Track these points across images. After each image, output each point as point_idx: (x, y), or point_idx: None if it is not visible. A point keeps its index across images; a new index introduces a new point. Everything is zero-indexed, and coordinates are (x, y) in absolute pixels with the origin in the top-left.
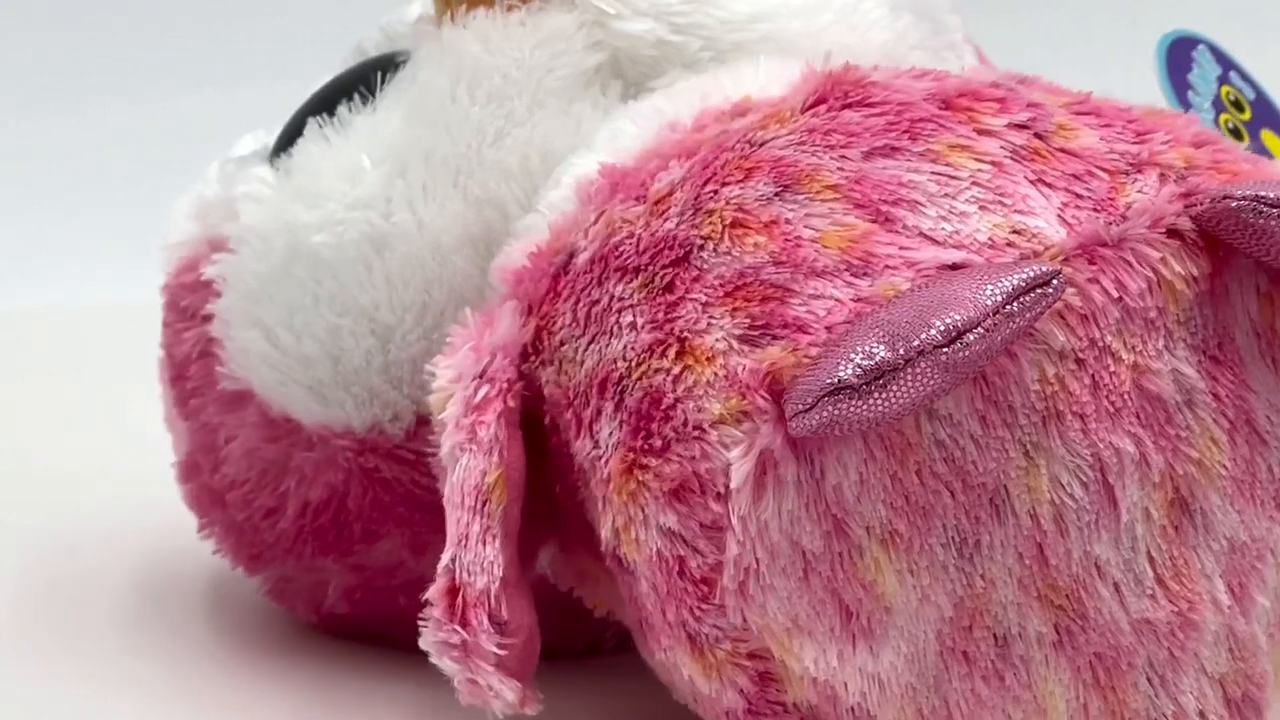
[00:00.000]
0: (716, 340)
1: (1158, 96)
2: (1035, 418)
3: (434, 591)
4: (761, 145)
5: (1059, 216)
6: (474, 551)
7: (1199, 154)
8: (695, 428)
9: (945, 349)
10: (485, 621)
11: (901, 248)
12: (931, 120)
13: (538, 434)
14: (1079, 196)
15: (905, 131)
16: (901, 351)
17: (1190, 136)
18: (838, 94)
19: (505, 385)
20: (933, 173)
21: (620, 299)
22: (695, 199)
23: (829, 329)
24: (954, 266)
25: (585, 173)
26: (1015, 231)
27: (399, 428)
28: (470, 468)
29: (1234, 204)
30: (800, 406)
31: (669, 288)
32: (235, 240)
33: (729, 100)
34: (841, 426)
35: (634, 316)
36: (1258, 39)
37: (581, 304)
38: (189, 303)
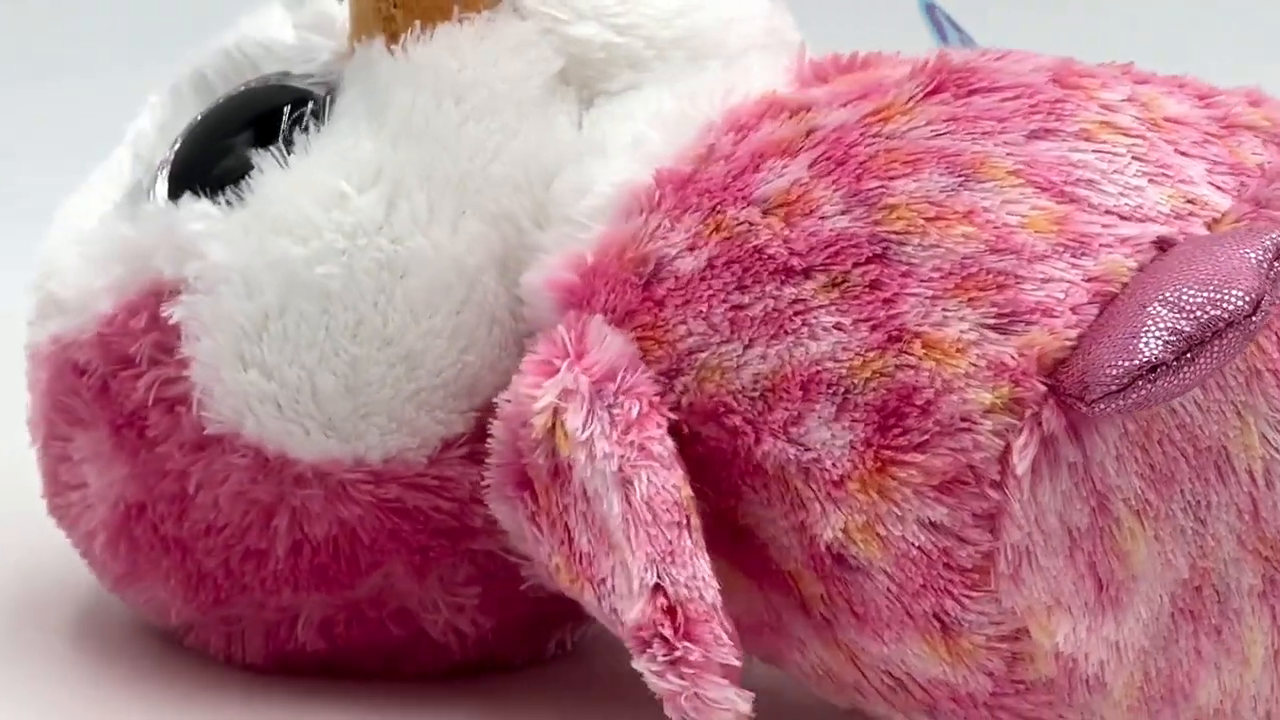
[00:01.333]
0: (963, 331)
1: None
2: (1241, 379)
3: (647, 613)
4: (900, 137)
5: (1211, 183)
6: (690, 567)
7: (1267, 111)
8: (963, 419)
9: (1253, 317)
10: (721, 634)
11: (1104, 226)
12: (1063, 100)
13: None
14: (1214, 162)
15: (1049, 113)
16: (1207, 323)
17: (1242, 95)
18: (956, 81)
19: (655, 398)
20: (1094, 150)
21: (799, 300)
22: (855, 195)
23: (1074, 310)
24: (1161, 240)
25: (627, 180)
26: (1189, 201)
27: (423, 454)
28: (659, 483)
29: None
30: (1110, 388)
31: (875, 285)
32: (203, 281)
33: (760, 97)
34: (1152, 403)
35: (835, 316)
36: (1258, 38)
37: (717, 310)
38: (137, 349)
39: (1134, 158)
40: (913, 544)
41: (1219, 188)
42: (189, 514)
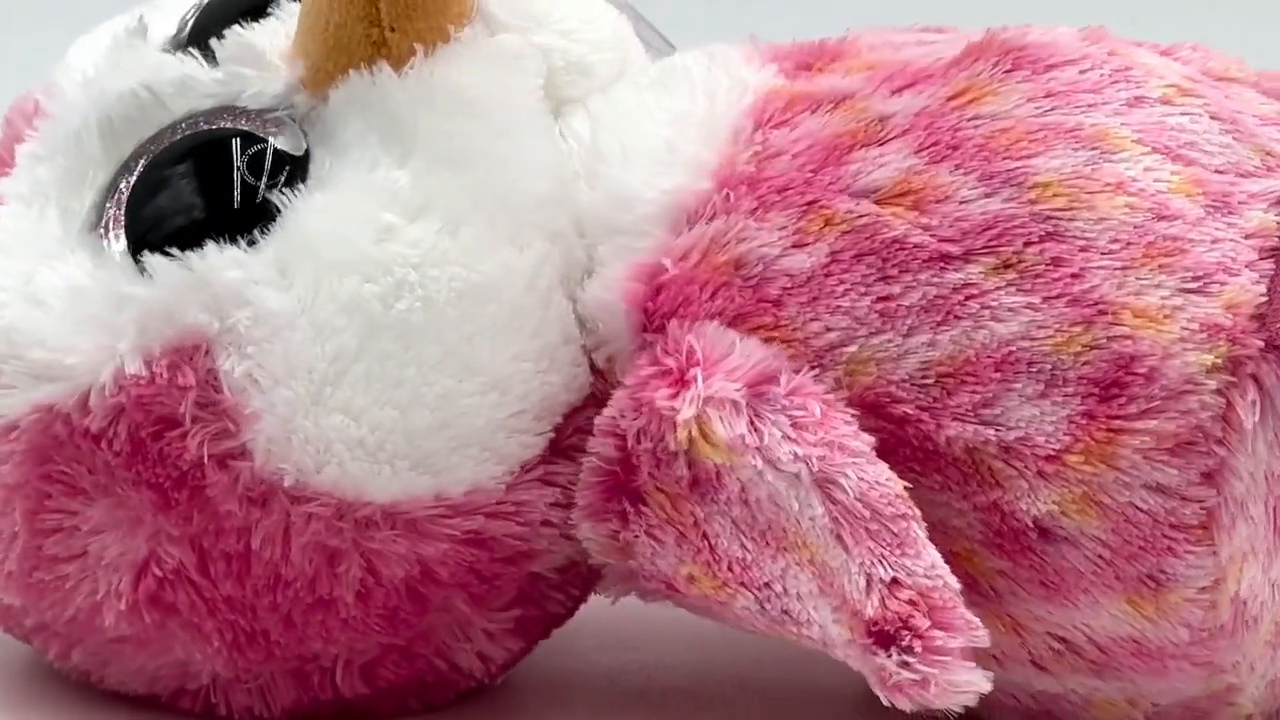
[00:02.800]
0: (1165, 298)
1: None
2: None
3: (891, 606)
4: (1006, 116)
5: (1270, 136)
6: (925, 557)
7: (1227, 62)
8: (1188, 382)
9: None
10: (971, 618)
11: (1231, 184)
12: (1129, 67)
13: None
14: (1261, 119)
15: (1127, 81)
16: None
17: (1189, 49)
18: (1028, 58)
19: (829, 396)
20: (1182, 113)
21: (968, 285)
22: (993, 177)
23: (1249, 266)
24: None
25: (679, 186)
26: (1268, 154)
27: (500, 482)
28: (870, 478)
29: None
30: None
31: (1056, 261)
32: (260, 329)
33: (769, 92)
34: None
35: (1019, 296)
36: (1256, 37)
37: (861, 303)
38: (183, 407)
39: (1211, 117)
40: (1138, 508)
41: (1276, 140)
42: (250, 570)
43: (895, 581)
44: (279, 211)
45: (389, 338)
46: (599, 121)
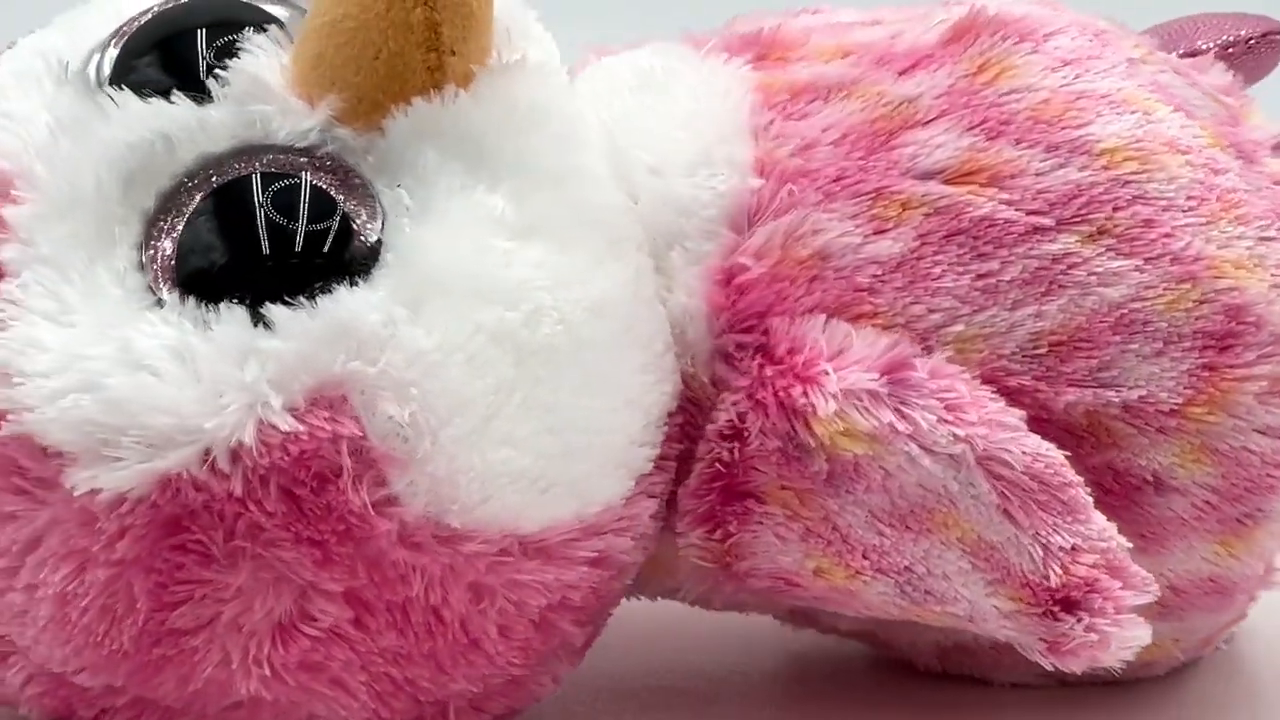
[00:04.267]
0: (1249, 247)
1: None
2: None
3: (1076, 571)
4: (1040, 88)
5: (1210, 85)
6: (1096, 521)
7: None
8: (1262, 315)
9: None
10: (1145, 574)
11: (1232, 134)
12: (1102, 31)
13: None
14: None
15: (1109, 45)
16: None
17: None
18: (1026, 29)
19: (967, 376)
20: (1160, 71)
21: (1068, 254)
22: (1058, 148)
23: None
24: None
25: (733, 187)
26: (1221, 104)
27: (624, 498)
28: (1033, 450)
29: None
30: None
31: (1148, 223)
32: (415, 369)
33: (765, 86)
34: None
35: (1121, 260)
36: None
37: (961, 282)
38: (344, 458)
39: (1175, 72)
40: (1250, 451)
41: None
42: (410, 619)
43: (1075, 548)
44: (378, 250)
45: (538, 364)
46: (606, 128)
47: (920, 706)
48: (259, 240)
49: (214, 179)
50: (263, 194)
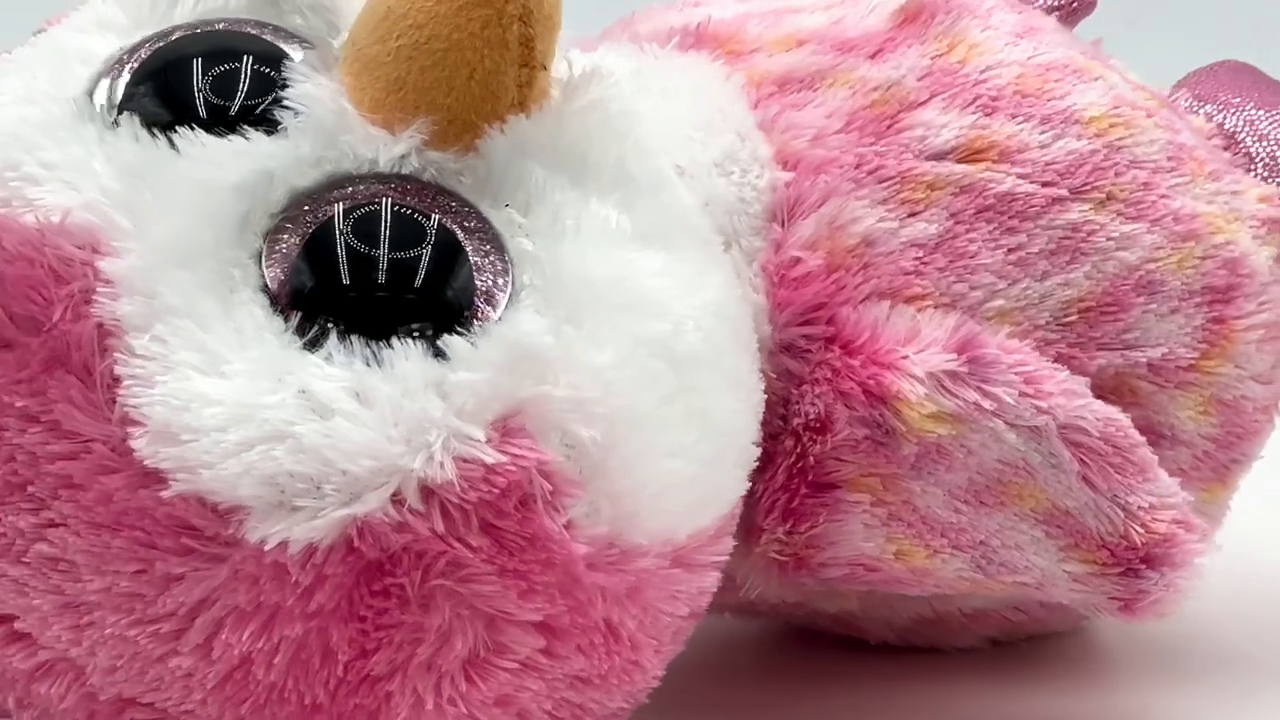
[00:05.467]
0: (1226, 202)
1: None
2: None
3: (1159, 530)
4: (1011, 64)
5: None
6: (1165, 478)
7: None
8: (1269, 273)
9: None
10: (1202, 526)
11: (1159, 96)
12: (1014, 4)
13: None
14: None
15: (1029, 14)
16: None
17: None
18: (967, 8)
19: (1027, 350)
20: (1062, 39)
21: (1086, 222)
22: (1049, 120)
23: (1232, 164)
24: None
25: (769, 183)
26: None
27: (741, 499)
28: (1104, 416)
29: None
30: None
31: (1147, 186)
32: (596, 389)
33: (750, 81)
34: None
35: (1132, 224)
36: (1255, 38)
37: (996, 257)
38: (537, 485)
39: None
40: (1246, 398)
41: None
42: (591, 641)
43: (1153, 506)
44: (509, 272)
45: (689, 372)
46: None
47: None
48: (384, 272)
49: (319, 214)
50: (390, 222)
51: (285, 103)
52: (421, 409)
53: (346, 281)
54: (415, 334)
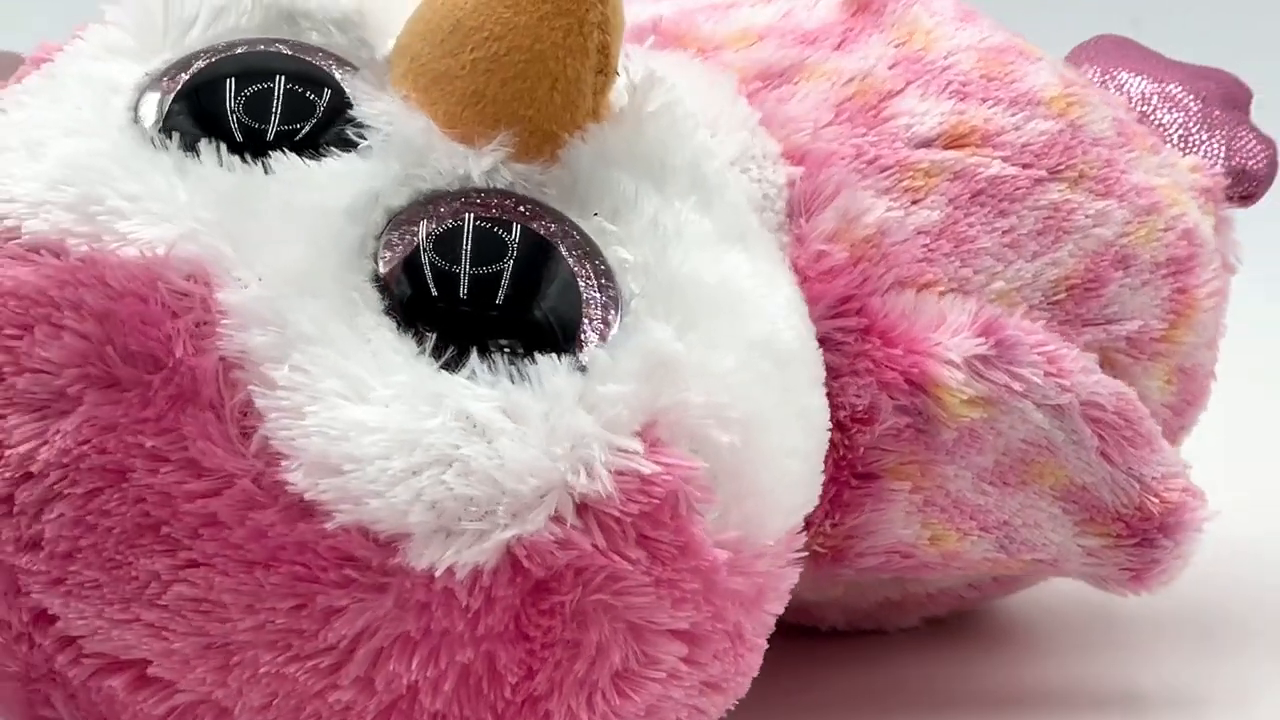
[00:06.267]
0: (1167, 175)
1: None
2: None
3: (1173, 498)
4: (967, 49)
5: None
6: (1169, 448)
7: None
8: (1207, 240)
9: None
10: (1201, 490)
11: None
12: None
13: None
14: None
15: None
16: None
17: None
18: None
19: (1041, 330)
20: None
21: (1065, 201)
22: (1015, 103)
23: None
24: None
25: (787, 178)
26: None
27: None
28: (1117, 389)
29: None
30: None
31: (1108, 163)
32: (726, 394)
33: (741, 75)
34: None
35: (1103, 201)
36: (1256, 37)
37: (993, 240)
38: (682, 495)
39: None
40: (1200, 365)
41: None
42: (723, 645)
43: (1165, 476)
44: (613, 280)
45: (791, 371)
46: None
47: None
48: (503, 289)
49: (424, 233)
50: (491, 239)
51: (363, 120)
52: (575, 424)
53: (464, 296)
54: (519, 350)
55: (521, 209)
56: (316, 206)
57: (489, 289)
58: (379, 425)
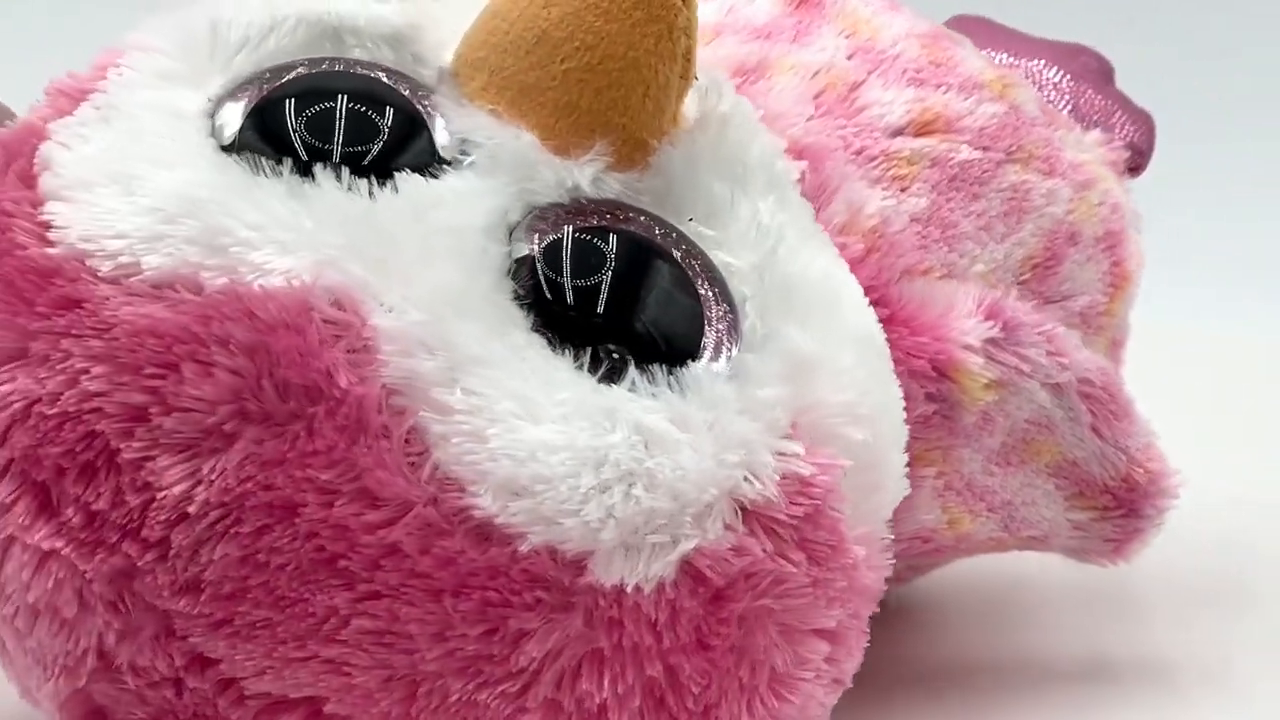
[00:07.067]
0: (1087, 152)
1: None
2: None
3: (1155, 467)
4: (908, 36)
5: None
6: (1143, 421)
7: None
8: (1126, 208)
9: None
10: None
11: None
12: None
13: None
14: None
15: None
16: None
17: None
18: None
19: (1033, 312)
20: None
21: (1022, 182)
22: (964, 87)
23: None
24: None
25: (799, 170)
26: None
27: None
28: (1100, 365)
29: None
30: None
31: (1045, 143)
32: (855, 392)
33: (732, 70)
34: None
35: (1050, 180)
36: (1255, 38)
37: (973, 224)
38: (829, 496)
39: None
40: (1123, 336)
41: None
42: (853, 642)
43: (1147, 446)
44: (727, 285)
45: (881, 363)
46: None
47: None
48: (643, 299)
49: (547, 243)
50: (639, 253)
51: (463, 136)
52: (740, 431)
53: (603, 310)
54: (661, 359)
55: (639, 218)
56: (453, 226)
57: (627, 301)
58: (564, 444)
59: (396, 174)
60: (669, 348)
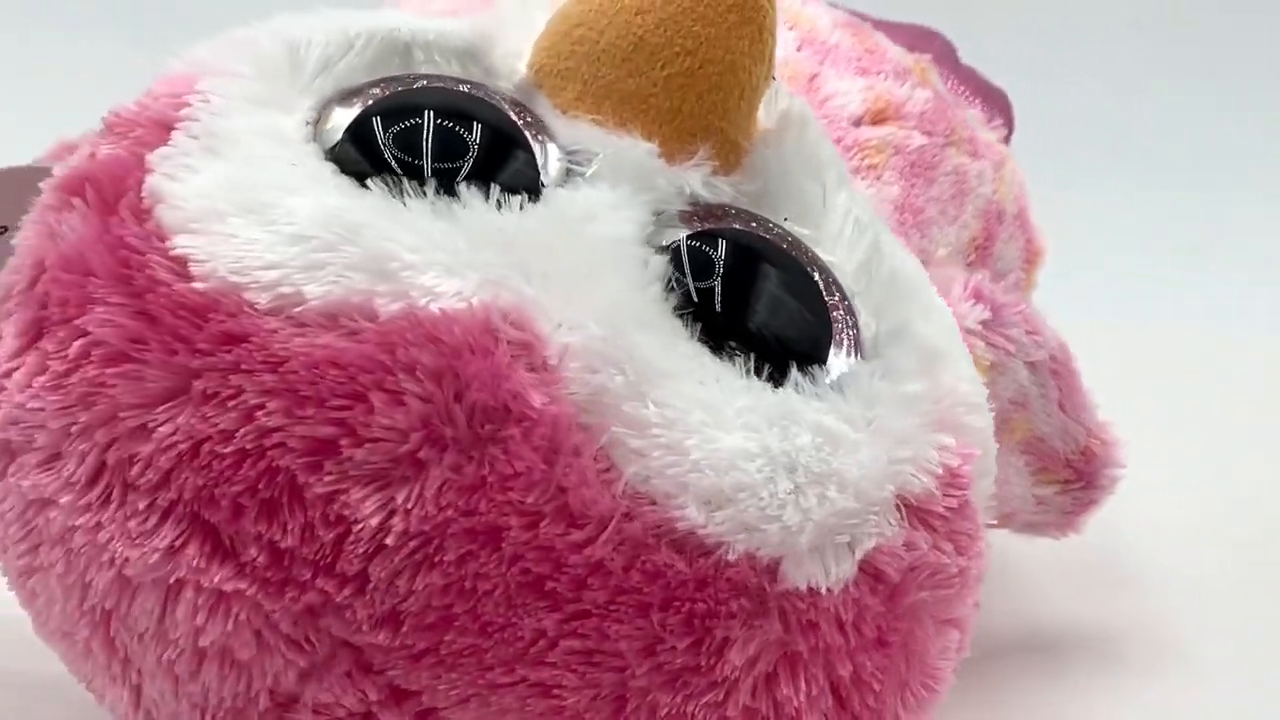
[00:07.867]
0: (986, 132)
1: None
2: None
3: (1109, 439)
4: (839, 24)
5: None
6: (1088, 394)
7: None
8: (1024, 184)
9: None
10: None
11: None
12: None
13: None
14: None
15: None
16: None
17: None
18: None
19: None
20: None
21: (961, 167)
22: (899, 76)
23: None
24: None
25: None
26: None
27: None
28: (1059, 339)
29: None
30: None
31: (965, 124)
32: (973, 386)
33: None
34: None
35: (977, 162)
36: (1256, 37)
37: (936, 209)
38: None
39: None
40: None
41: None
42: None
43: (1098, 419)
44: (839, 281)
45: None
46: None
47: None
48: (789, 303)
49: (705, 257)
50: (792, 257)
51: (578, 148)
52: (902, 427)
53: (755, 316)
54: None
55: (751, 221)
56: (610, 239)
57: (776, 305)
58: (758, 450)
59: (543, 190)
60: (795, 349)
